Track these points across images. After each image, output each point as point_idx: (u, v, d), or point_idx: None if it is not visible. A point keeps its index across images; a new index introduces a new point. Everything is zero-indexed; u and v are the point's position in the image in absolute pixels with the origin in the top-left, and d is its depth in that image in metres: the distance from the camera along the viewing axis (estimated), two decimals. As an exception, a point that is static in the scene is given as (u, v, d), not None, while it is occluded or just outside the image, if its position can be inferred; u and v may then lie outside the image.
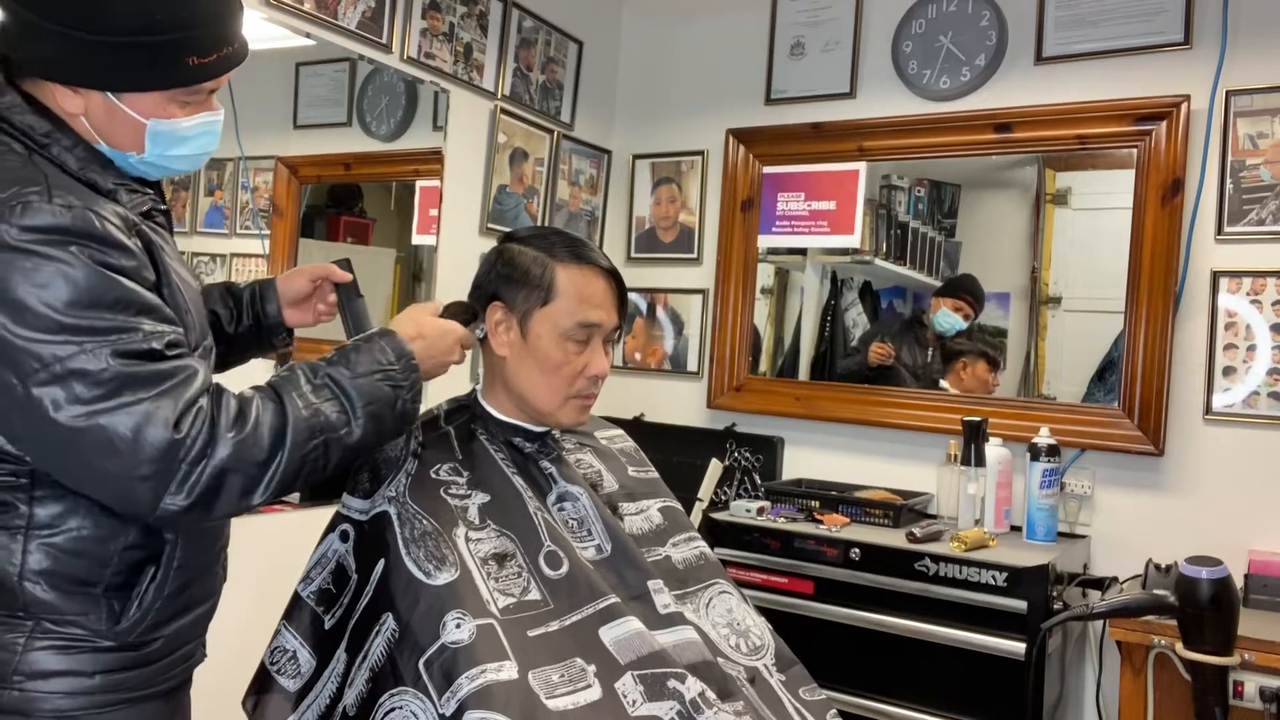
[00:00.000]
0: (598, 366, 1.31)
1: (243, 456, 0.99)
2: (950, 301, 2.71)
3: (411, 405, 1.13)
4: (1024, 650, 1.96)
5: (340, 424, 1.06)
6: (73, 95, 1.04)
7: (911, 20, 2.69)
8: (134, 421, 0.94)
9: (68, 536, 1.04)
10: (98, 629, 1.05)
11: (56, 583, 1.03)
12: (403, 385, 1.12)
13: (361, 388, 1.08)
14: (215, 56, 1.07)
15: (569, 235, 1.35)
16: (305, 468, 1.03)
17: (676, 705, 1.12)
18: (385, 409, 1.10)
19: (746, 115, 2.92)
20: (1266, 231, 2.24)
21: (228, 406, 1.00)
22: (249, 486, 1.00)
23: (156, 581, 1.09)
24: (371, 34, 2.30)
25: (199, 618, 1.19)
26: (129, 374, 0.95)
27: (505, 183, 2.74)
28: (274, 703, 1.22)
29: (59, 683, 1.04)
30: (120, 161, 1.09)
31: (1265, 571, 2.05)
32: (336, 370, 1.09)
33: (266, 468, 1.00)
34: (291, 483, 1.03)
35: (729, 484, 2.84)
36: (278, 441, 1.01)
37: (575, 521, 1.30)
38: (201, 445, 0.96)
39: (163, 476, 0.95)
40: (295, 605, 1.25)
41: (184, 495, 0.96)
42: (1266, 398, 2.23)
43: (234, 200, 2.22)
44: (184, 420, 0.96)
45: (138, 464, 0.94)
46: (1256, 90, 2.25)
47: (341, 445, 1.06)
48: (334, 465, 1.07)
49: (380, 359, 1.11)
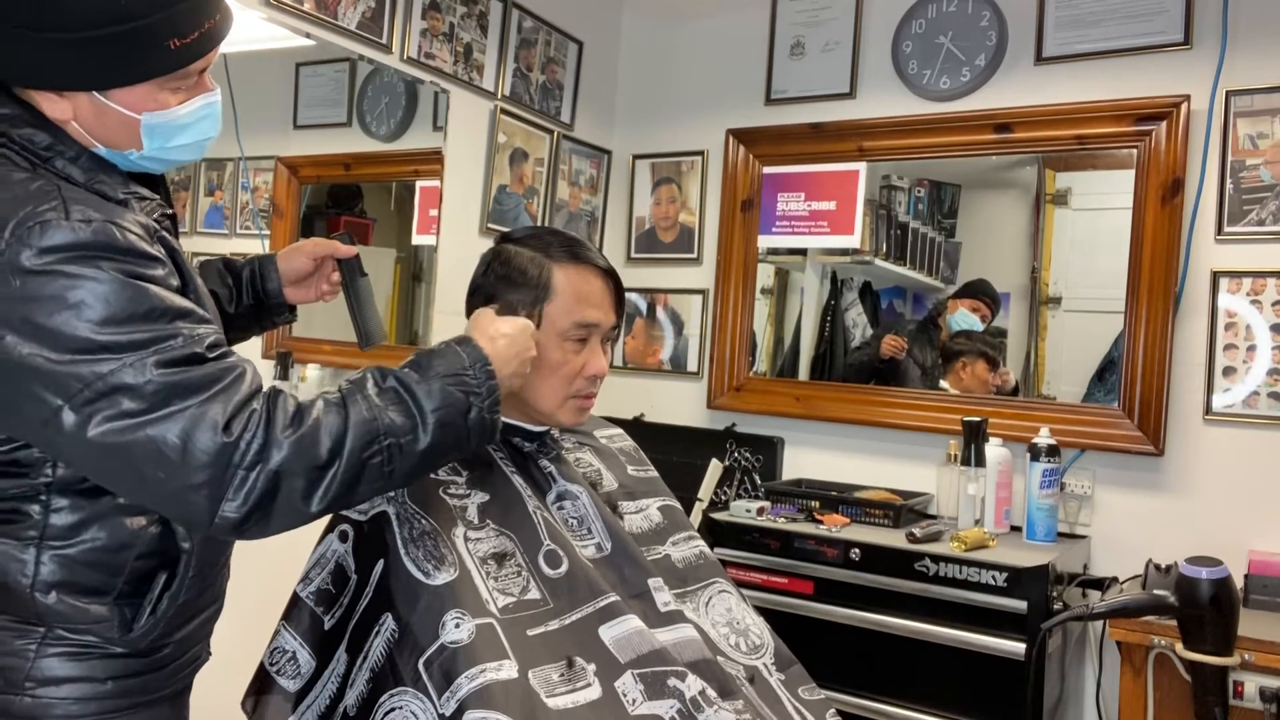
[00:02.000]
0: (596, 366, 1.31)
1: (300, 458, 0.94)
2: (968, 303, 2.72)
3: (490, 414, 1.07)
4: (1024, 650, 1.96)
5: (405, 429, 1.00)
6: (58, 100, 0.99)
7: (911, 20, 2.69)
8: (181, 428, 0.90)
9: (81, 548, 1.02)
10: (110, 637, 1.05)
11: (69, 593, 1.02)
12: (478, 392, 1.06)
13: (432, 392, 1.03)
14: (197, 34, 1.00)
15: (566, 235, 1.35)
16: (368, 473, 0.98)
17: (676, 704, 1.12)
18: (457, 416, 1.04)
19: (746, 115, 2.92)
20: (1266, 231, 2.24)
21: (284, 407, 0.96)
22: (308, 490, 0.95)
23: (171, 590, 1.07)
24: (371, 34, 2.30)
25: (206, 620, 1.19)
26: (174, 382, 0.91)
27: (505, 183, 2.74)
28: (273, 703, 1.21)
29: (71, 689, 1.03)
30: (121, 162, 1.04)
31: (1265, 571, 2.05)
32: (406, 375, 1.04)
33: (326, 470, 0.95)
34: (353, 488, 0.98)
35: (729, 484, 2.84)
36: (338, 443, 0.96)
37: (575, 520, 1.30)
38: (257, 448, 0.92)
39: (217, 483, 0.91)
40: (294, 606, 1.25)
41: (240, 501, 0.92)
42: (1266, 398, 2.23)
43: (234, 200, 2.22)
44: (235, 422, 0.92)
45: (190, 472, 0.90)
46: (1256, 90, 2.25)
47: (407, 452, 1.01)
48: (401, 474, 1.02)
49: (455, 364, 1.06)
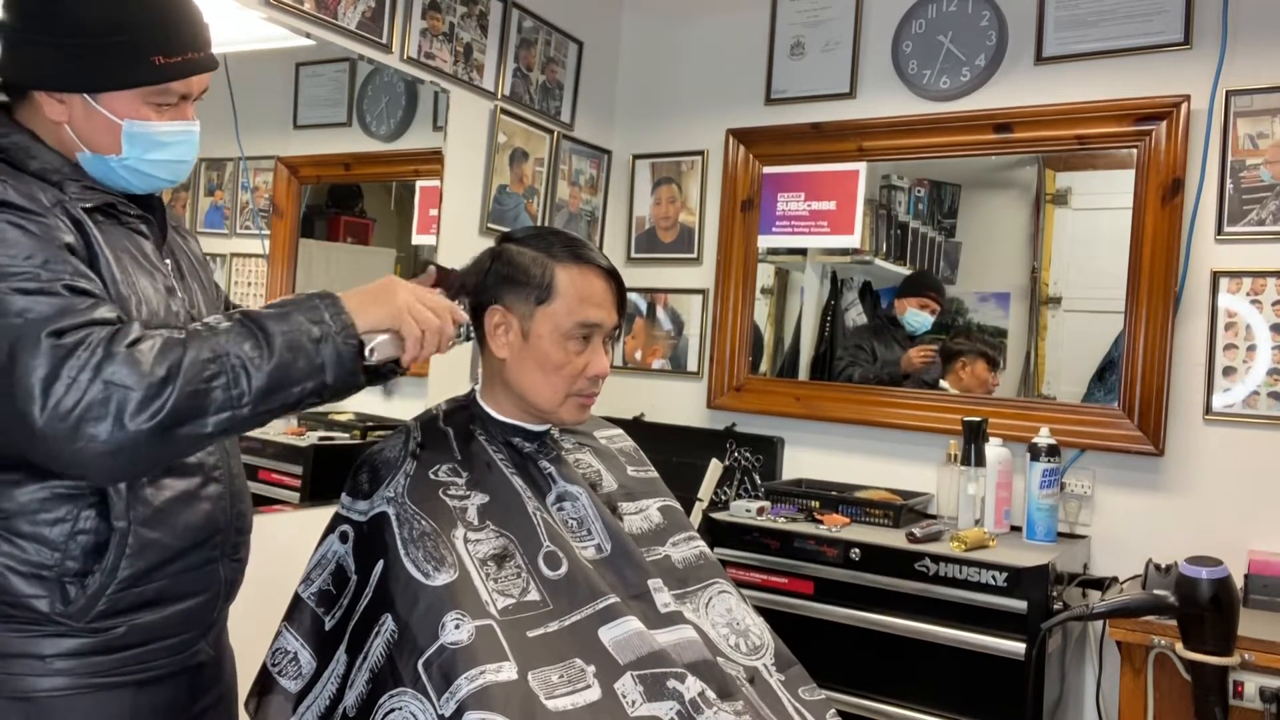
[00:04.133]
0: (598, 366, 1.31)
1: (134, 370, 0.94)
2: (914, 301, 2.72)
3: (344, 344, 1.05)
4: (1024, 650, 1.97)
5: (249, 352, 1.00)
6: (57, 104, 1.10)
7: (911, 20, 2.69)
8: (14, 332, 0.93)
9: (22, 521, 1.05)
10: (47, 612, 1.06)
11: (11, 567, 1.05)
12: (326, 322, 1.05)
13: (280, 317, 1.04)
14: (179, 59, 1.12)
15: (567, 235, 1.35)
16: (214, 396, 0.97)
17: (676, 705, 1.12)
18: (304, 339, 1.03)
19: (746, 115, 2.92)
20: (1266, 231, 2.24)
21: (127, 331, 0.97)
22: (142, 404, 0.93)
23: (105, 567, 1.08)
24: (371, 34, 2.30)
25: (182, 613, 1.16)
26: (18, 302, 0.95)
27: (505, 183, 2.74)
28: (275, 704, 1.22)
29: (19, 664, 1.06)
30: (101, 170, 1.13)
31: (1265, 571, 2.05)
32: (254, 310, 1.06)
33: (164, 387, 0.94)
34: (197, 413, 0.97)
35: (729, 484, 2.84)
36: (175, 362, 0.96)
37: (575, 521, 1.30)
38: (92, 360, 0.93)
39: (47, 383, 0.92)
40: (296, 606, 1.25)
41: (70, 406, 0.91)
42: (1266, 398, 2.23)
43: (234, 200, 2.22)
44: (70, 335, 0.94)
45: (21, 373, 0.92)
46: (1256, 90, 2.25)
47: (254, 375, 0.99)
48: (252, 400, 1.00)
49: (303, 303, 1.07)
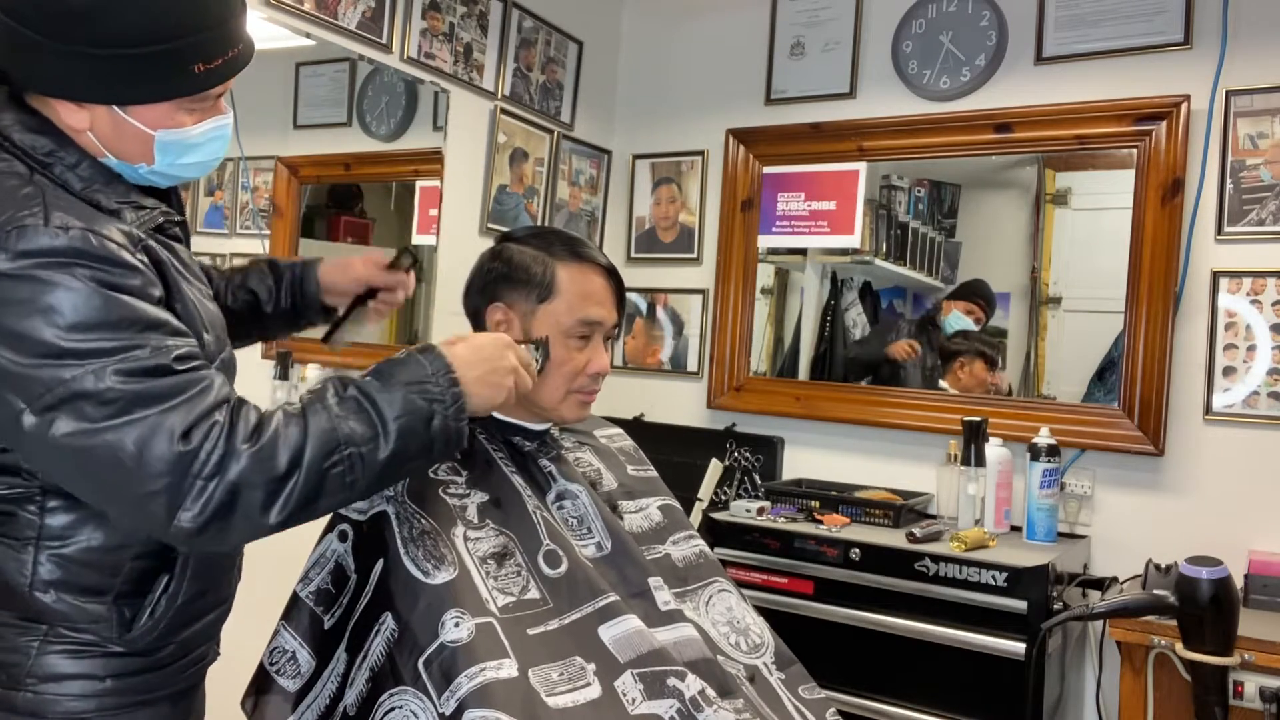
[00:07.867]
0: (599, 364, 1.31)
1: (258, 470, 0.93)
2: (962, 305, 2.72)
3: (454, 422, 1.05)
4: (1024, 650, 1.96)
5: (366, 438, 0.99)
6: (77, 110, 1.01)
7: (911, 20, 2.69)
8: (138, 435, 0.90)
9: (78, 547, 1.03)
10: (108, 636, 1.05)
11: (67, 592, 1.03)
12: (440, 399, 1.04)
13: (393, 400, 1.01)
14: (220, 61, 1.03)
15: (567, 234, 1.35)
16: (329, 484, 0.98)
17: (676, 703, 1.12)
18: (419, 423, 1.02)
19: (746, 115, 2.92)
20: (1266, 231, 2.24)
21: (246, 418, 0.96)
22: (267, 503, 0.94)
23: (169, 592, 1.08)
24: (371, 34, 2.30)
25: (212, 622, 1.19)
26: (135, 390, 0.91)
27: (505, 183, 2.74)
28: (273, 703, 1.22)
29: (71, 685, 1.05)
30: (130, 174, 1.06)
31: (1265, 571, 2.05)
32: (367, 383, 1.03)
33: (285, 482, 0.95)
34: (314, 500, 0.97)
35: (729, 484, 2.84)
36: (297, 455, 0.95)
37: (575, 520, 1.30)
38: (217, 459, 0.92)
39: (174, 492, 0.91)
40: (294, 605, 1.25)
41: (197, 511, 0.91)
42: (1266, 398, 2.23)
43: (234, 200, 2.22)
44: (195, 432, 0.92)
45: (145, 479, 0.90)
46: (1256, 90, 2.25)
47: (369, 461, 0.99)
48: (365, 484, 1.01)
49: (417, 372, 1.04)
